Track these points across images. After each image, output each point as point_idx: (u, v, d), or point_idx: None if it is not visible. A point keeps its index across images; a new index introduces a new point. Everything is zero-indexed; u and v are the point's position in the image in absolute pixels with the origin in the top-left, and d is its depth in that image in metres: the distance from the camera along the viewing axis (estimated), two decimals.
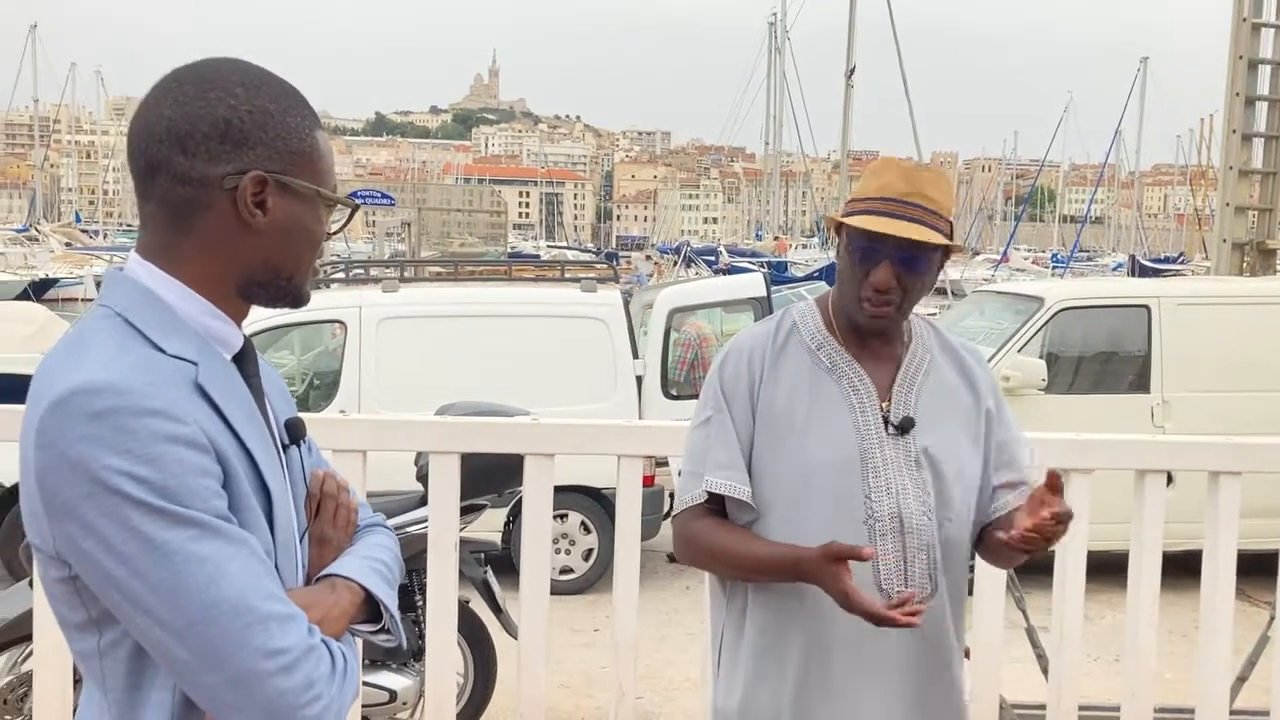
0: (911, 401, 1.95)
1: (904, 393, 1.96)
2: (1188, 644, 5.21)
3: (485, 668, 4.26)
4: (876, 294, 1.89)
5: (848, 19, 23.43)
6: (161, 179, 1.25)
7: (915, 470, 1.91)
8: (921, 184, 1.89)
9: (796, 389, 1.94)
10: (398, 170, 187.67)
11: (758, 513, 1.94)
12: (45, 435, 1.14)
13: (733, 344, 2.03)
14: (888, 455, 1.91)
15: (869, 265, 1.89)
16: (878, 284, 1.88)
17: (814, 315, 2.02)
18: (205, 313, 1.28)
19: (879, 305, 1.90)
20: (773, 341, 1.99)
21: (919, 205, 1.87)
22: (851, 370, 1.95)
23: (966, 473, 1.97)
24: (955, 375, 2.03)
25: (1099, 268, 53.09)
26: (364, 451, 3.09)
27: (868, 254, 1.89)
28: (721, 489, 1.93)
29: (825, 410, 1.93)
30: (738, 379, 1.96)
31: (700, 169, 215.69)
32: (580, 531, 7.06)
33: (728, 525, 1.96)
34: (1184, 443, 3.49)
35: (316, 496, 1.42)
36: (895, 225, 1.86)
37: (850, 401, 1.93)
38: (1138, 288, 8.56)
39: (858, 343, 1.98)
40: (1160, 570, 3.36)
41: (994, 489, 2.02)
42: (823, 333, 1.99)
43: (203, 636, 1.14)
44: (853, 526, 1.88)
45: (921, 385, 1.98)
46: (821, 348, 1.97)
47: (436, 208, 78.31)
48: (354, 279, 8.48)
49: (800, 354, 1.97)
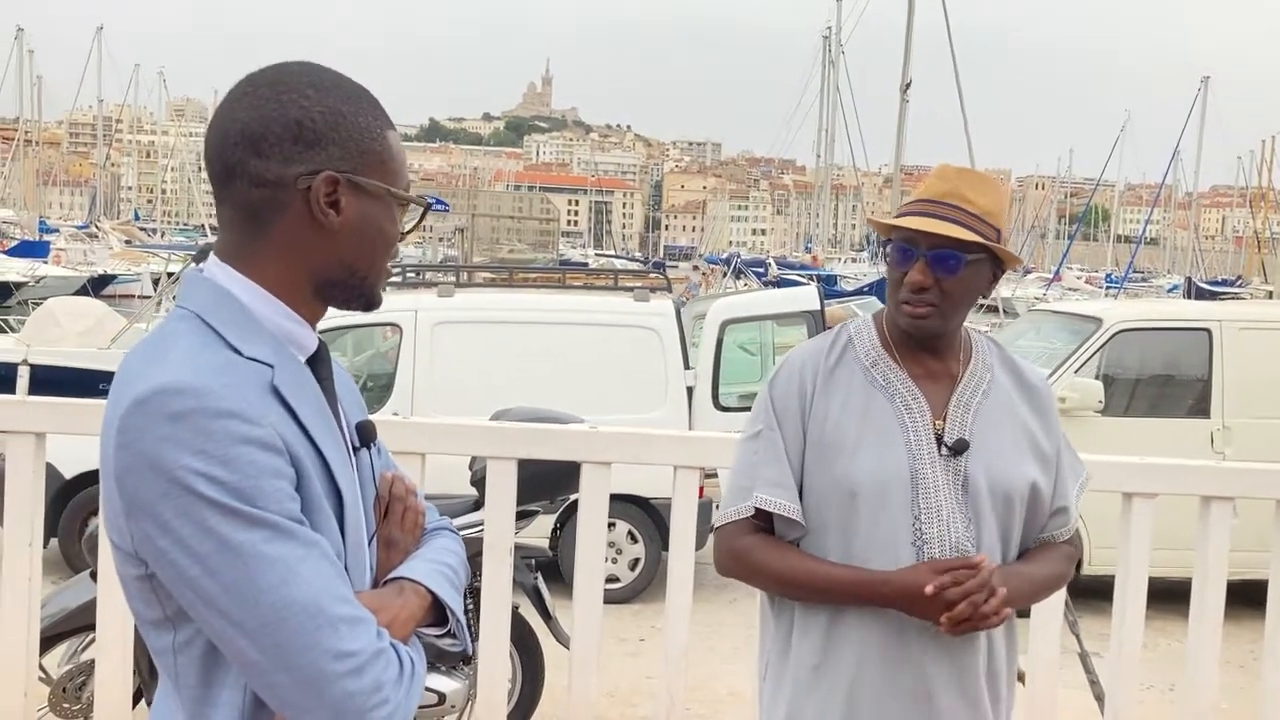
0: (968, 422, 1.91)
1: (959, 413, 1.92)
2: (1245, 675, 5.11)
3: (534, 674, 4.27)
4: (912, 294, 1.87)
5: (904, 33, 23.28)
6: (237, 182, 1.27)
7: (965, 494, 1.88)
8: (960, 185, 1.89)
9: (848, 407, 1.92)
10: (450, 176, 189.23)
11: (806, 530, 1.91)
12: (125, 435, 1.16)
13: (787, 359, 2.02)
14: (939, 477, 1.87)
15: (905, 266, 1.88)
16: (912, 282, 1.87)
17: (870, 331, 2.00)
18: (281, 315, 1.29)
19: (916, 306, 1.88)
20: (826, 358, 1.97)
21: (954, 205, 1.87)
22: (905, 388, 1.92)
23: (1025, 497, 1.92)
24: (1018, 396, 1.99)
25: (1154, 289, 52.27)
26: (423, 454, 3.11)
27: (903, 255, 1.89)
28: (771, 505, 1.91)
29: (877, 429, 1.90)
30: (789, 395, 1.95)
31: (750, 180, 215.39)
32: (627, 540, 7.06)
33: (778, 543, 1.93)
34: (1252, 470, 3.42)
35: (385, 499, 1.43)
36: (925, 223, 1.85)
37: (903, 420, 1.90)
38: (1199, 311, 8.42)
39: (914, 360, 1.95)
40: (1224, 601, 3.29)
41: (1051, 514, 1.99)
42: (878, 349, 1.96)
43: (273, 637, 1.15)
44: (902, 548, 1.85)
45: (980, 406, 1.93)
46: (876, 365, 1.95)
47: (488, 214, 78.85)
48: (409, 283, 8.56)
49: (854, 371, 1.95)
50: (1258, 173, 73.79)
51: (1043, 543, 1.99)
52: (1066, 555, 2.03)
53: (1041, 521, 1.98)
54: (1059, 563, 2.01)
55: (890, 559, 1.84)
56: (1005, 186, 2.02)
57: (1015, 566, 1.92)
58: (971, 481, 1.88)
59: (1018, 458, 1.93)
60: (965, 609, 1.76)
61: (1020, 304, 25.92)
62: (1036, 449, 1.96)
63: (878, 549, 1.84)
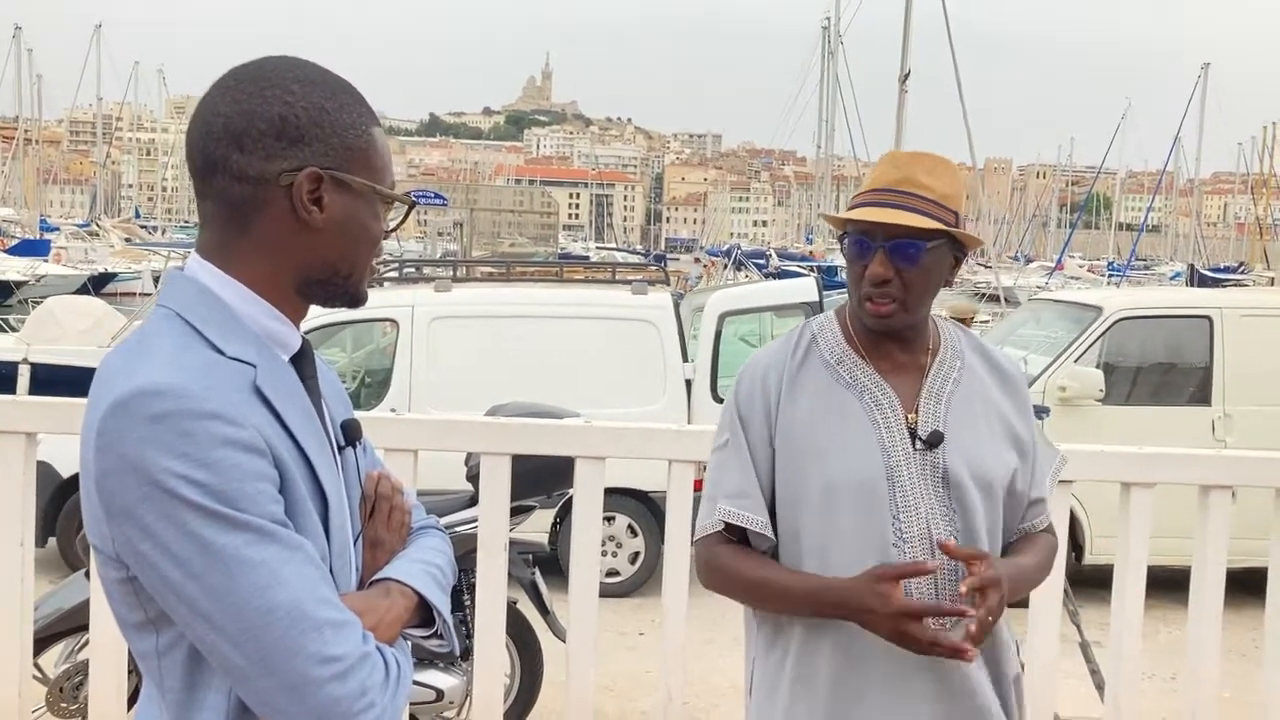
0: (940, 413, 1.85)
1: (931, 404, 1.85)
2: (1246, 663, 5.09)
3: (532, 669, 4.26)
4: (874, 288, 1.80)
5: (903, 23, 23.21)
6: (219, 177, 1.25)
7: (944, 487, 1.81)
8: (913, 170, 1.81)
9: (816, 408, 1.85)
10: (450, 171, 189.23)
11: (776, 540, 1.85)
12: (105, 437, 1.15)
13: (749, 363, 1.94)
14: (915, 472, 1.81)
15: (864, 259, 1.81)
16: (872, 275, 1.79)
17: (833, 327, 1.93)
18: (264, 313, 1.27)
19: (879, 301, 1.81)
20: (790, 358, 1.90)
21: (909, 193, 1.79)
22: (873, 384, 1.86)
23: (1003, 485, 1.87)
24: (991, 382, 1.93)
25: (1156, 276, 52.25)
26: (416, 451, 3.10)
27: (861, 248, 1.82)
28: (734, 518, 1.85)
29: (847, 428, 1.83)
30: (753, 401, 1.88)
31: (751, 172, 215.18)
32: (627, 534, 7.05)
33: (750, 554, 1.87)
34: (1251, 458, 3.40)
35: (371, 498, 1.42)
36: (881, 213, 1.78)
37: (874, 417, 1.83)
38: (1199, 298, 8.40)
39: (879, 353, 1.88)
40: (1223, 589, 3.28)
41: (1029, 504, 1.94)
42: (842, 346, 1.90)
43: (257, 642, 1.14)
44: (881, 549, 1.79)
45: (951, 395, 1.87)
46: (841, 362, 1.88)
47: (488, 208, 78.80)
48: (406, 278, 8.55)
49: (819, 370, 1.88)
50: (1259, 159, 73.64)
51: (1023, 534, 1.95)
52: (1049, 545, 1.99)
53: (1021, 511, 1.92)
54: (1044, 553, 1.96)
55: (871, 560, 1.77)
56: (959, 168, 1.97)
57: (1011, 560, 1.87)
58: (951, 473, 1.82)
59: (995, 445, 1.87)
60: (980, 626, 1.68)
61: (1022, 293, 25.90)
62: (1013, 436, 1.91)
63: (857, 551, 1.78)
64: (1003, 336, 8.93)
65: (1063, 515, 3.22)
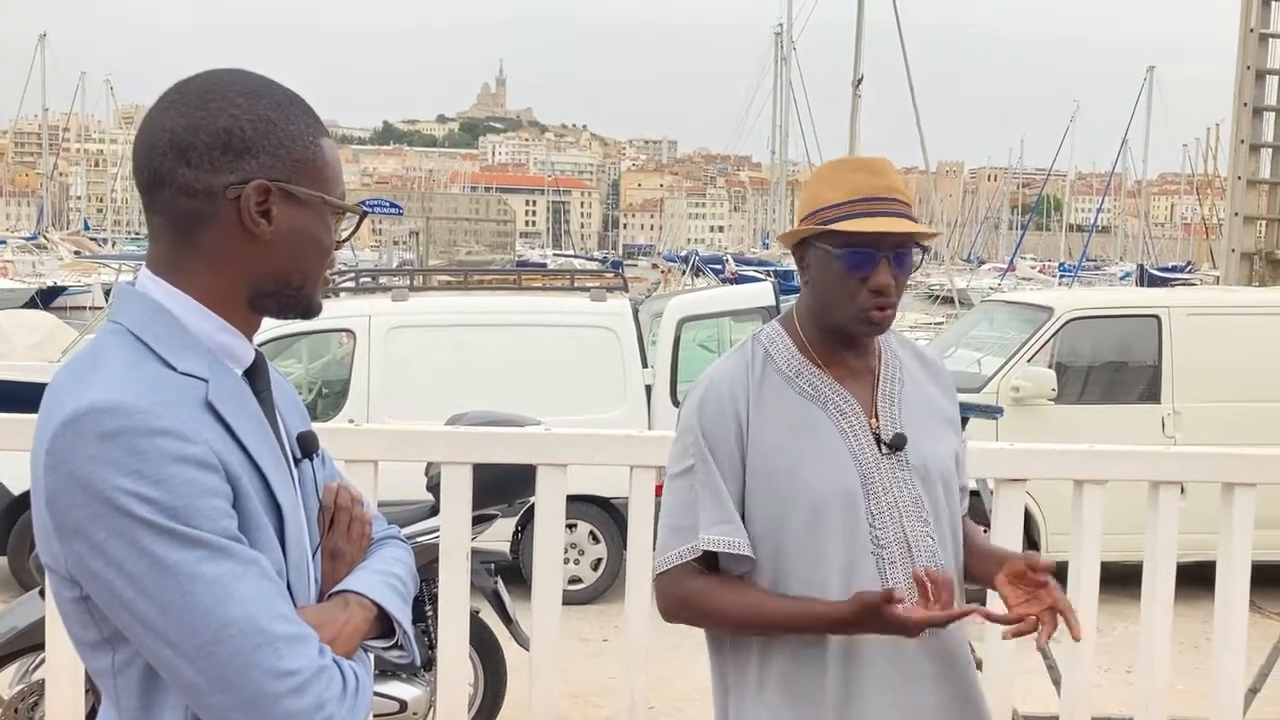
0: (897, 415, 1.87)
1: (888, 407, 1.87)
2: (1199, 655, 5.18)
3: (495, 678, 4.25)
4: (878, 296, 1.79)
5: (855, 29, 23.45)
6: (166, 191, 1.24)
7: (913, 488, 1.83)
8: (892, 177, 1.83)
9: (783, 423, 1.83)
10: (405, 179, 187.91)
11: (755, 562, 1.82)
12: (55, 455, 1.14)
13: (709, 383, 1.88)
14: (886, 476, 1.83)
15: (865, 270, 1.78)
16: (880, 286, 1.78)
17: (784, 339, 1.90)
18: (215, 327, 1.27)
19: (884, 310, 1.81)
20: (750, 375, 1.86)
21: (897, 199, 1.80)
22: (834, 393, 1.86)
23: (953, 478, 1.91)
24: (924, 376, 1.96)
25: (1107, 276, 53.01)
26: (375, 461, 3.09)
27: (862, 260, 1.78)
28: (720, 546, 1.81)
29: (818, 441, 1.82)
30: (721, 423, 1.83)
31: (706, 178, 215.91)
32: (589, 541, 7.05)
33: (731, 582, 1.83)
34: (1198, 454, 3.47)
35: (330, 510, 1.41)
36: (892, 223, 1.77)
37: (840, 427, 1.83)
38: (1147, 297, 8.56)
39: (836, 362, 1.88)
40: (1174, 582, 3.34)
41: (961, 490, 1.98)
42: (797, 357, 1.88)
43: (212, 658, 1.13)
44: (861, 557, 1.79)
45: (901, 395, 1.90)
46: (799, 373, 1.87)
47: (444, 216, 78.44)
48: (363, 288, 8.49)
49: (779, 383, 1.86)
50: (1203, 160, 75.00)
51: None
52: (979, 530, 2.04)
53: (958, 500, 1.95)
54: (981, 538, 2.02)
55: (849, 569, 1.79)
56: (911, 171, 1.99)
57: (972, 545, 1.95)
58: (914, 474, 1.84)
59: (942, 439, 1.91)
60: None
61: (975, 295, 26.19)
62: (951, 427, 1.95)
63: (838, 562, 1.79)
64: (956, 338, 9.04)
65: (1018, 514, 3.28)
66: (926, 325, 19.91)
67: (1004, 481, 3.24)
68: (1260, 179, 10.76)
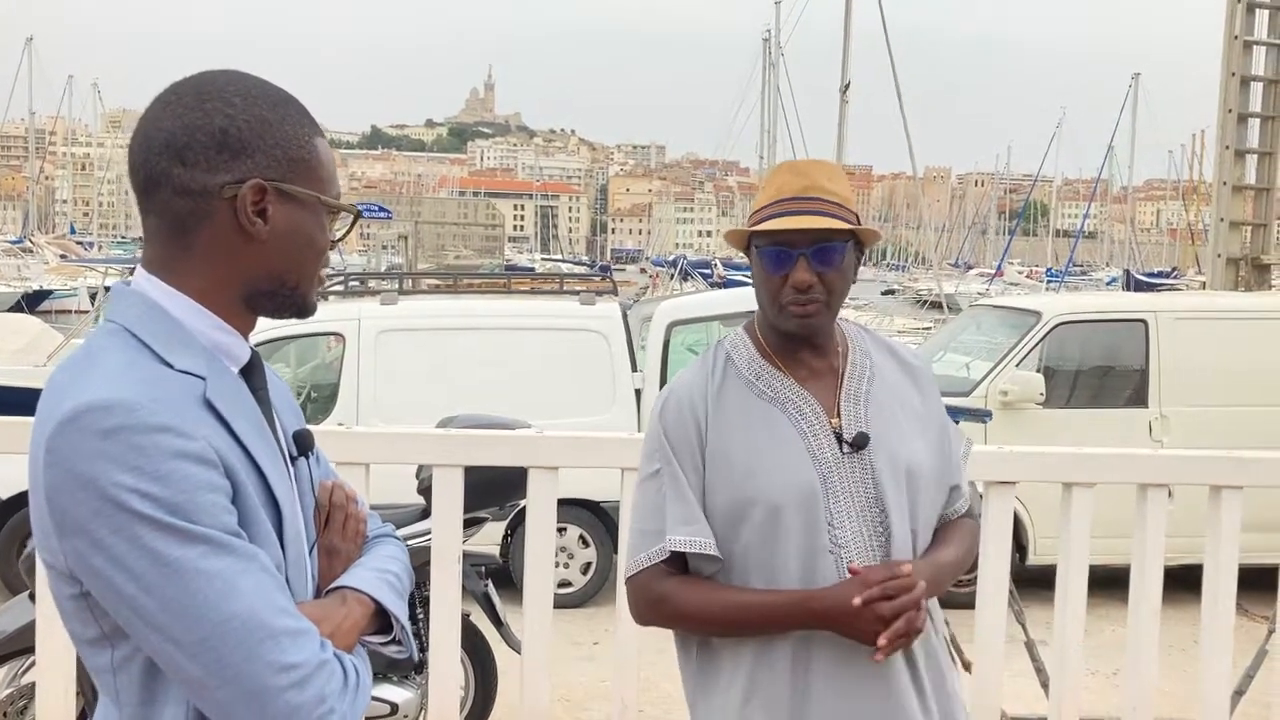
0: (861, 414, 1.87)
1: (851, 406, 1.88)
2: (1186, 658, 5.21)
3: (486, 681, 4.25)
4: (799, 293, 1.82)
5: (842, 35, 23.54)
6: (162, 192, 1.25)
7: (874, 487, 1.83)
8: (816, 177, 1.85)
9: (743, 425, 1.85)
10: (393, 184, 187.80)
11: (721, 562, 1.84)
12: (55, 453, 1.14)
13: (671, 389, 1.93)
14: (846, 476, 1.83)
15: (785, 268, 1.82)
16: (798, 283, 1.81)
17: (745, 344, 1.94)
18: (212, 326, 1.28)
19: (805, 304, 1.83)
20: (710, 380, 1.90)
21: (817, 198, 1.83)
22: (794, 394, 1.87)
23: (928, 475, 1.89)
24: (900, 376, 1.96)
25: (1093, 282, 53.25)
26: (367, 464, 3.09)
27: (781, 258, 1.83)
28: (687, 546, 1.83)
29: (775, 442, 1.84)
30: (682, 426, 1.87)
31: (695, 183, 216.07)
32: (579, 545, 7.05)
33: (698, 581, 1.86)
34: (1185, 457, 3.49)
35: (325, 507, 1.42)
36: (801, 220, 1.81)
37: (799, 428, 1.85)
38: (1135, 302, 8.59)
39: (796, 363, 1.90)
40: (1162, 585, 3.36)
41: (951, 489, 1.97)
42: (758, 361, 1.91)
43: (214, 652, 1.14)
44: (819, 557, 1.80)
45: (868, 394, 1.90)
46: (760, 377, 1.89)
47: (432, 220, 78.31)
48: (352, 291, 8.48)
49: (739, 387, 1.89)
50: (1189, 166, 75.42)
51: (944, 520, 1.97)
52: (972, 530, 2.01)
53: (943, 501, 1.95)
54: (968, 539, 1.99)
55: (808, 570, 1.80)
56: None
57: (927, 557, 1.89)
58: (878, 473, 1.83)
59: (914, 440, 1.90)
60: (902, 625, 1.71)
61: (963, 300, 26.28)
62: (928, 428, 1.94)
63: (795, 563, 1.80)
64: (944, 342, 9.07)
65: (1007, 516, 3.29)
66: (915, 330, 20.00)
67: (993, 484, 3.26)
68: (1245, 184, 10.82)
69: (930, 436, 1.93)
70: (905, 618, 1.72)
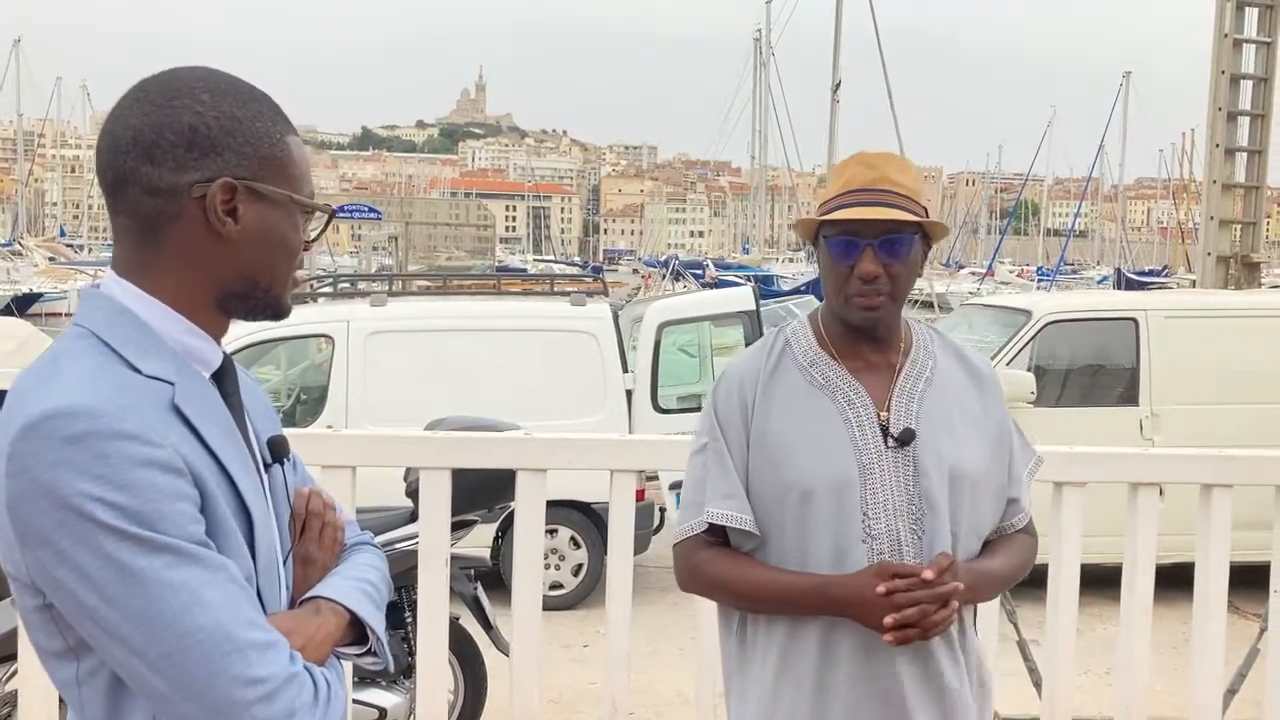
0: (913, 411, 1.88)
1: (904, 402, 1.88)
2: (1178, 656, 5.20)
3: (476, 684, 4.23)
4: (865, 284, 1.84)
5: (833, 34, 23.58)
6: (130, 191, 1.22)
7: (915, 484, 1.84)
8: (886, 169, 1.86)
9: (790, 410, 1.89)
10: (384, 185, 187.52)
11: (761, 539, 1.88)
12: (17, 461, 1.11)
13: (727, 369, 1.99)
14: (887, 469, 1.84)
15: (851, 258, 1.84)
16: (864, 273, 1.83)
17: (806, 332, 1.97)
18: (182, 330, 1.25)
19: (871, 296, 1.84)
20: (765, 363, 1.94)
21: (887, 190, 1.84)
22: (845, 384, 1.89)
23: (978, 482, 1.88)
24: (964, 381, 1.95)
25: (1084, 280, 53.39)
26: (353, 467, 3.06)
27: (848, 248, 1.84)
28: (723, 519, 1.88)
29: (820, 429, 1.86)
30: (730, 405, 1.91)
31: (686, 183, 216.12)
32: (570, 547, 7.03)
33: (734, 555, 1.90)
34: (1176, 455, 3.49)
35: (301, 515, 1.39)
36: (869, 211, 1.82)
37: (846, 417, 1.87)
38: (1125, 300, 8.60)
39: (853, 354, 1.92)
40: (1153, 583, 3.35)
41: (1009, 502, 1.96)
42: (815, 349, 1.93)
43: (179, 666, 1.11)
44: (852, 545, 1.82)
45: (924, 393, 1.90)
46: (814, 364, 1.92)
47: (423, 221, 78.22)
48: (341, 293, 8.45)
49: (793, 373, 1.92)
50: (1179, 164, 75.63)
51: (1000, 533, 1.97)
52: (1026, 545, 2.01)
53: (999, 509, 1.94)
54: (1020, 554, 1.98)
55: (841, 558, 1.81)
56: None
57: (977, 564, 1.89)
58: (921, 470, 1.84)
59: (968, 443, 1.89)
60: (914, 614, 1.72)
61: (955, 299, 26.33)
62: (987, 434, 1.93)
63: (829, 549, 1.82)
64: None
65: None
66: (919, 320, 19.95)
67: None
68: (1235, 183, 10.84)
69: (986, 444, 1.93)
70: (919, 608, 1.73)
